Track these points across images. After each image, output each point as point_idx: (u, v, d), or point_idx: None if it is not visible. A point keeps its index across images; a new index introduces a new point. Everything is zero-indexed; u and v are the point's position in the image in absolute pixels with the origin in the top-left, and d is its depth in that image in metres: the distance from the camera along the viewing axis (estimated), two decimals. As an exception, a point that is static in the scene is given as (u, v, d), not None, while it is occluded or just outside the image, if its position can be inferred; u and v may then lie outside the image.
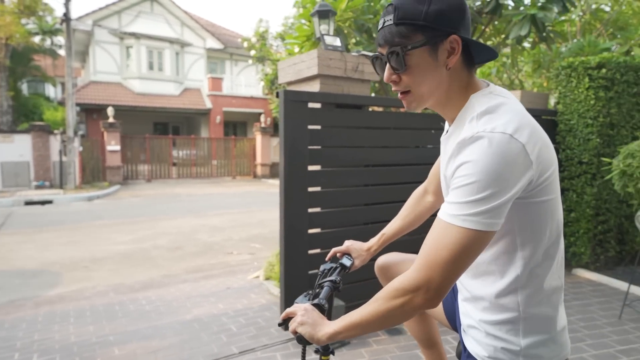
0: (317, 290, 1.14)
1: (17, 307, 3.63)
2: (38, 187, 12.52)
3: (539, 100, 4.47)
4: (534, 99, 4.41)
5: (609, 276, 3.91)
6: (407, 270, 0.88)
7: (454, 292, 1.24)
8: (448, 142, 0.97)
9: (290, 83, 3.17)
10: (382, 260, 1.45)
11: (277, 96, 2.66)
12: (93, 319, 3.26)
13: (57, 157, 12.79)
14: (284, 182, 2.63)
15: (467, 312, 1.03)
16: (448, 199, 0.85)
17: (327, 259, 1.30)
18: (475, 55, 0.93)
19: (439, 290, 0.83)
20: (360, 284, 3.02)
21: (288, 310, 1.03)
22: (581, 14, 5.81)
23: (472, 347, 1.00)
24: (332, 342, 0.95)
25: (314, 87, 2.92)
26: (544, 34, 4.40)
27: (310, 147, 2.71)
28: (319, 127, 2.77)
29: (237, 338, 2.82)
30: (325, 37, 2.94)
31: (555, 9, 4.26)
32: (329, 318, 1.04)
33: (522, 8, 4.35)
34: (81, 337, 2.91)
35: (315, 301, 1.05)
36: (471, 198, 0.80)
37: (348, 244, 1.33)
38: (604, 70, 3.81)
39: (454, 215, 0.82)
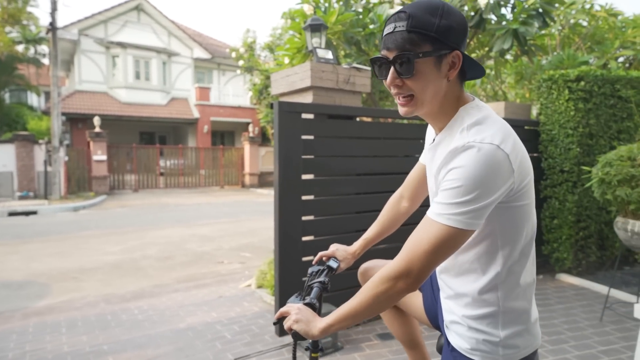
0: (308, 290, 1.21)
1: (5, 319, 3.58)
2: (22, 198, 12.28)
3: (522, 111, 4.65)
4: (517, 109, 4.58)
5: (590, 280, 4.05)
6: (390, 262, 0.97)
7: (434, 292, 1.33)
8: (437, 149, 1.03)
9: (283, 94, 3.25)
10: (364, 267, 1.53)
11: (271, 107, 2.74)
12: (85, 329, 3.24)
13: (42, 167, 12.58)
14: (278, 191, 2.69)
15: (450, 309, 1.10)
16: (436, 200, 0.93)
17: (314, 262, 1.37)
18: (468, 71, 1.01)
19: (418, 277, 0.92)
20: (351, 290, 3.09)
21: (282, 309, 1.11)
22: (560, 28, 6.06)
23: (455, 341, 1.08)
24: (326, 335, 1.04)
25: (307, 98, 3.01)
26: (526, 48, 4.60)
27: (303, 156, 2.78)
28: (312, 137, 2.85)
29: (231, 345, 2.85)
30: (318, 50, 3.04)
31: (536, 24, 4.46)
32: (320, 316, 1.12)
33: (504, 23, 4.55)
34: (74, 347, 2.90)
35: (307, 300, 1.13)
36: (457, 200, 0.88)
37: (334, 248, 1.39)
38: (582, 83, 4.00)
39: (439, 214, 0.91)
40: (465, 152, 0.88)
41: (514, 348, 1.02)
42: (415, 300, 1.42)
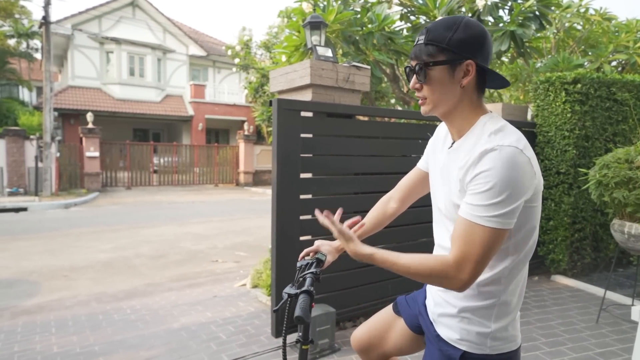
0: (301, 282, 1.24)
1: (-6, 318, 3.50)
2: (11, 194, 12.09)
3: (519, 112, 4.65)
4: (513, 111, 4.59)
5: (585, 282, 4.07)
6: (444, 258, 1.01)
7: (407, 299, 1.43)
8: (457, 153, 1.09)
9: (281, 92, 3.22)
10: (357, 336, 1.52)
11: (269, 104, 2.70)
12: (76, 328, 3.18)
13: (33, 163, 12.40)
14: (276, 190, 2.65)
15: (445, 301, 1.16)
16: (469, 201, 0.99)
17: (300, 258, 1.40)
18: (489, 81, 1.10)
19: (469, 280, 0.99)
20: (348, 290, 3.06)
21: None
22: (555, 31, 6.08)
23: (444, 332, 1.16)
24: (364, 260, 1.12)
25: (306, 96, 2.97)
26: (522, 50, 4.61)
27: (302, 155, 2.75)
28: (310, 135, 2.82)
29: (227, 346, 2.81)
30: (318, 48, 3.00)
31: (533, 26, 4.47)
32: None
33: (502, 25, 4.55)
34: (64, 348, 2.84)
35: (305, 288, 1.15)
36: (492, 201, 0.95)
37: (318, 243, 1.43)
38: (579, 86, 4.01)
39: (479, 216, 0.97)
40: (494, 154, 0.96)
41: (501, 340, 1.09)
42: (396, 330, 1.44)
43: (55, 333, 3.10)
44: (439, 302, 1.19)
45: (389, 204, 1.46)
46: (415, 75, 1.08)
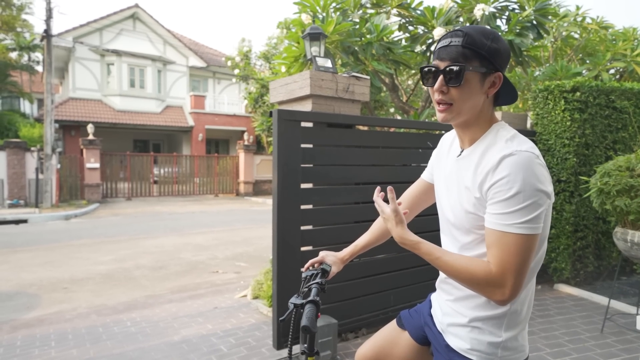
0: (307, 292, 1.24)
1: (-7, 331, 3.47)
2: (12, 206, 12.08)
3: (518, 120, 4.67)
4: (513, 119, 4.60)
5: (589, 291, 4.04)
6: (488, 265, 0.98)
7: (418, 311, 1.40)
8: (470, 158, 1.09)
9: (281, 102, 3.23)
10: (362, 353, 1.49)
11: (269, 115, 2.71)
12: (76, 342, 3.15)
13: (33, 174, 12.41)
14: (277, 200, 2.65)
15: (455, 311, 1.15)
16: (494, 211, 0.98)
17: (304, 269, 1.40)
18: (502, 96, 1.10)
19: (516, 290, 0.96)
20: (350, 301, 3.04)
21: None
22: (553, 40, 6.13)
23: (454, 342, 1.15)
24: (408, 247, 1.09)
25: (306, 106, 2.98)
26: (520, 59, 4.64)
27: (302, 165, 2.75)
28: (311, 145, 2.82)
29: (228, 359, 2.77)
30: (317, 59, 3.02)
31: (531, 36, 4.51)
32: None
33: (500, 34, 4.59)
34: (64, 361, 2.81)
35: (311, 298, 1.16)
36: (518, 207, 0.94)
37: (323, 254, 1.43)
38: (578, 94, 4.02)
39: (508, 224, 0.96)
40: (513, 159, 0.96)
41: (511, 350, 1.08)
42: (401, 344, 1.41)
43: (55, 347, 3.07)
44: (448, 312, 1.18)
45: None
46: (442, 76, 1.03)
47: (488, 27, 1.04)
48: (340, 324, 2.86)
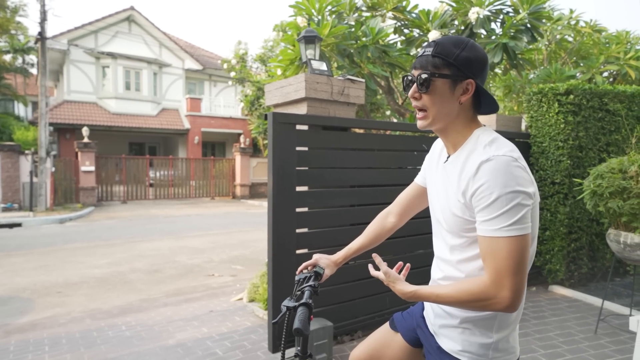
0: (299, 295, 1.24)
1: (-14, 336, 3.44)
2: (6, 210, 11.99)
3: (513, 123, 4.69)
4: (508, 122, 4.63)
5: (583, 292, 4.06)
6: (481, 278, 1.01)
7: (411, 313, 1.41)
8: (455, 164, 1.11)
9: (277, 105, 3.23)
10: (356, 355, 1.50)
11: (265, 118, 2.71)
12: (70, 346, 3.12)
13: (28, 178, 12.33)
14: (272, 203, 2.65)
15: (447, 313, 1.16)
16: (481, 219, 1.00)
17: (298, 271, 1.40)
18: (483, 103, 1.12)
19: (516, 293, 0.97)
20: (346, 304, 3.04)
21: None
22: (547, 43, 6.18)
23: (445, 343, 1.17)
24: (413, 299, 1.12)
25: (301, 109, 2.99)
26: (515, 61, 4.67)
27: (298, 168, 2.75)
28: (306, 148, 2.83)
29: (223, 362, 2.77)
30: (312, 62, 3.03)
31: (525, 39, 4.54)
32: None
33: (494, 37, 4.62)
34: (58, 366, 2.79)
35: (303, 301, 1.16)
36: (501, 211, 0.96)
37: (317, 257, 1.43)
38: (571, 97, 4.06)
39: (496, 229, 0.98)
40: (490, 164, 0.98)
41: (502, 352, 1.10)
42: (394, 346, 1.43)
43: (49, 351, 3.05)
44: (440, 314, 1.20)
45: (387, 219, 1.47)
46: (415, 84, 1.10)
47: (466, 37, 1.07)
48: (335, 326, 2.86)
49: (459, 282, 1.06)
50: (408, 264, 1.30)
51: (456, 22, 4.70)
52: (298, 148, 2.75)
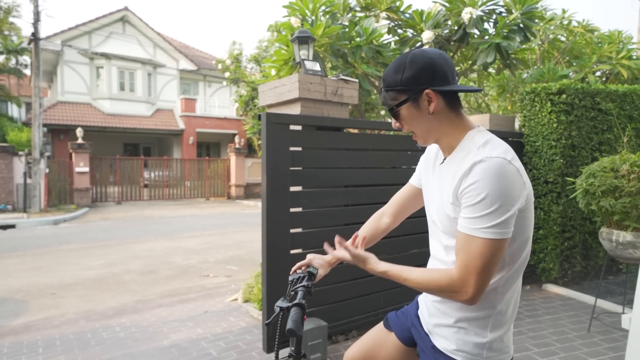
0: (293, 295, 1.25)
1: (-22, 339, 3.41)
2: (-1, 211, 11.90)
3: (506, 123, 4.72)
4: (501, 121, 4.66)
5: (576, 290, 4.09)
6: (450, 271, 1.04)
7: (405, 312, 1.42)
8: (448, 168, 1.13)
9: (270, 105, 3.23)
10: (350, 355, 1.50)
11: (259, 118, 2.71)
12: (64, 348, 3.11)
13: (21, 179, 12.24)
14: (266, 203, 2.65)
15: (441, 312, 1.17)
16: (464, 215, 1.02)
17: (291, 272, 1.40)
18: (456, 97, 1.12)
19: (478, 292, 1.01)
20: (340, 303, 3.04)
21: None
22: (540, 43, 6.22)
23: (440, 343, 1.18)
24: (381, 275, 1.15)
25: (295, 109, 2.99)
26: (508, 61, 4.70)
27: (291, 168, 2.75)
28: (300, 148, 2.83)
29: (217, 363, 2.76)
30: (306, 62, 3.03)
31: (518, 39, 4.56)
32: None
33: (487, 37, 4.64)
34: (51, 368, 2.77)
35: (297, 301, 1.16)
36: (485, 212, 0.97)
37: (310, 257, 1.43)
38: (564, 96, 4.09)
39: (475, 228, 0.99)
40: (482, 165, 0.99)
41: (497, 351, 1.11)
42: (388, 346, 1.43)
43: (43, 353, 3.03)
44: (434, 313, 1.20)
45: (381, 219, 1.47)
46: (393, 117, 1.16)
47: (405, 53, 1.10)
48: (330, 326, 2.86)
49: (429, 270, 1.10)
50: (365, 235, 1.32)
51: (449, 22, 4.72)
52: (292, 148, 2.75)
